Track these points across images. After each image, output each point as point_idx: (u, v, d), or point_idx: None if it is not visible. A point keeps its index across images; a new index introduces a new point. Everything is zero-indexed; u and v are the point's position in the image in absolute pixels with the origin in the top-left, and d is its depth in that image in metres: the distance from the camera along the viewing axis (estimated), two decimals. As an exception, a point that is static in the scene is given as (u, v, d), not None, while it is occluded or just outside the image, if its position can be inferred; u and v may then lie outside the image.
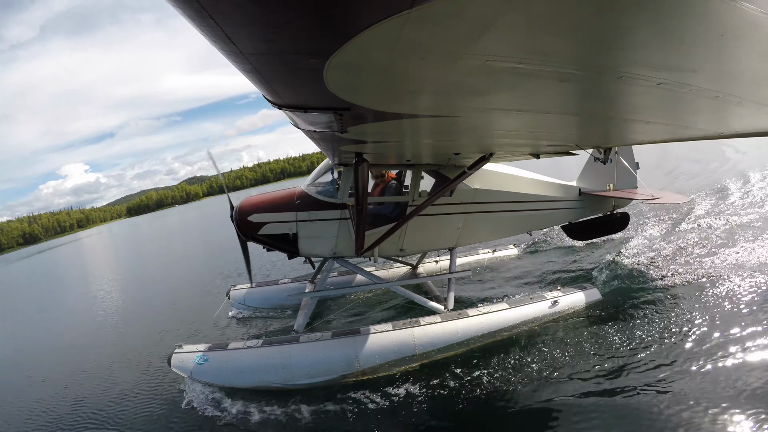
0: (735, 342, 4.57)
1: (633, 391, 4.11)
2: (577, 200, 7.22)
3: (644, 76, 1.63)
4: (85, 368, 7.24)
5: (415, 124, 2.66)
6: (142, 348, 7.62)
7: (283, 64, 1.49)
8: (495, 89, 1.88)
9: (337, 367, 5.05)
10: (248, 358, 5.19)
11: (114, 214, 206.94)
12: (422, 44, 1.29)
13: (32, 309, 14.89)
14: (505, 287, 7.59)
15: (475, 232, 6.40)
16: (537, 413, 4.10)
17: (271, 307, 7.85)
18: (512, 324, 5.59)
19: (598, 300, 6.14)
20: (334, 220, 5.70)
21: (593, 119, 2.92)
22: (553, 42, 1.34)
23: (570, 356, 4.92)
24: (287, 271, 10.48)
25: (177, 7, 1.04)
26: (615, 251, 8.09)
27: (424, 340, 5.25)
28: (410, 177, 5.87)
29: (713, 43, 1.40)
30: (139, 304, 11.41)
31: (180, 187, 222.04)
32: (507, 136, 3.59)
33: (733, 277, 6.16)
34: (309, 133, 3.10)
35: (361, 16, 1.09)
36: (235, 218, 5.78)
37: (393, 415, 4.40)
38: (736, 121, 2.71)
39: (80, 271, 25.40)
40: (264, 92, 1.89)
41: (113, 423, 5.14)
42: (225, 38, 1.21)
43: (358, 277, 7.61)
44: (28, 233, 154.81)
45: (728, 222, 8.79)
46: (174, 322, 8.88)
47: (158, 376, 6.11)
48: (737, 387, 3.87)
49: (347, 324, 6.77)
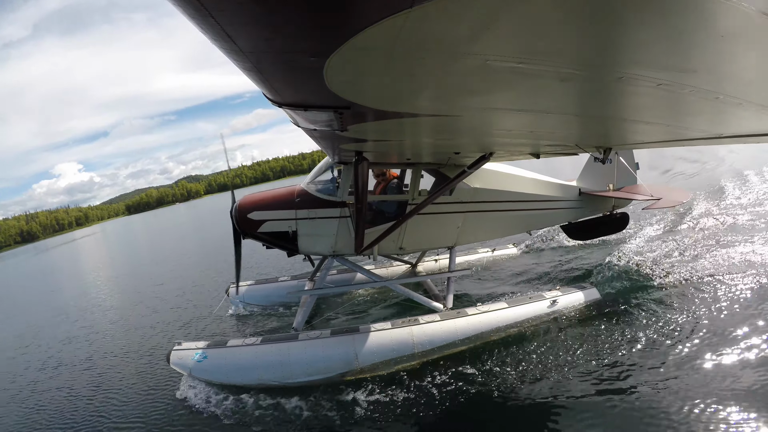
0: (734, 341, 4.58)
1: (632, 390, 4.12)
2: (577, 200, 7.22)
3: (644, 76, 1.63)
4: (83, 366, 7.25)
5: (415, 123, 2.67)
6: (140, 345, 7.64)
7: (283, 62, 1.49)
8: (495, 89, 1.88)
9: (336, 365, 5.06)
10: (247, 356, 5.20)
11: (112, 212, 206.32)
12: (422, 44, 1.29)
13: (28, 309, 14.89)
14: (504, 286, 7.60)
15: (475, 231, 6.41)
16: (535, 412, 4.11)
17: (270, 304, 7.86)
18: (511, 323, 5.60)
19: (597, 299, 6.15)
20: (334, 218, 5.70)
21: (593, 119, 2.92)
22: (553, 42, 1.34)
23: (569, 355, 4.92)
24: (286, 268, 10.49)
25: (177, 6, 1.05)
26: (614, 251, 8.10)
27: (423, 339, 5.26)
28: (410, 176, 5.88)
29: (714, 44, 1.40)
30: (139, 301, 11.41)
31: (180, 184, 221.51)
32: (507, 136, 3.59)
33: (731, 276, 6.17)
34: (309, 131, 3.10)
35: (361, 15, 1.09)
36: (234, 215, 5.79)
37: (392, 413, 4.41)
38: (736, 122, 2.71)
39: (79, 270, 25.41)
40: (264, 90, 1.89)
41: (111, 420, 5.14)
42: (225, 37, 1.21)
43: (358, 276, 7.62)
44: (26, 231, 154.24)
45: (726, 222, 8.81)
46: (173, 319, 8.89)
47: (157, 374, 6.12)
48: (737, 386, 3.87)
49: (346, 322, 6.78)
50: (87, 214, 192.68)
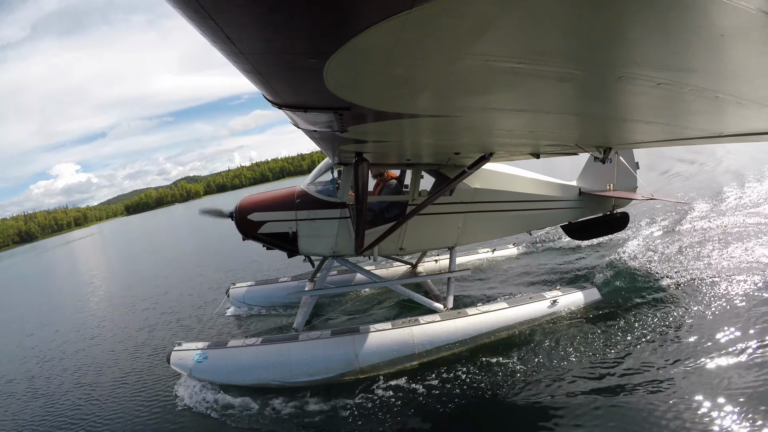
0: (734, 341, 4.58)
1: (632, 390, 4.12)
2: (577, 200, 7.22)
3: (644, 76, 1.63)
4: (83, 366, 7.24)
5: (415, 123, 2.66)
6: (140, 345, 7.63)
7: (283, 64, 1.49)
8: (495, 89, 1.88)
9: (336, 366, 5.06)
10: (247, 356, 5.20)
11: (111, 213, 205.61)
12: (422, 44, 1.29)
13: (28, 309, 14.88)
14: (504, 287, 7.59)
15: (475, 232, 6.41)
16: (536, 412, 4.11)
17: (270, 305, 7.86)
18: (511, 323, 5.60)
19: (598, 300, 6.15)
20: (334, 219, 5.70)
21: (593, 119, 2.92)
22: (553, 42, 1.34)
23: (569, 355, 4.92)
24: (287, 269, 10.48)
25: (177, 8, 1.04)
26: (614, 251, 8.09)
27: (423, 339, 5.26)
28: (410, 176, 5.87)
29: (713, 43, 1.40)
30: (139, 302, 11.40)
31: (180, 185, 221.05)
32: (507, 136, 3.59)
33: (731, 276, 6.18)
34: (309, 132, 3.10)
35: (361, 17, 1.09)
36: (235, 216, 5.79)
37: (392, 413, 4.40)
38: (736, 121, 2.71)
39: (78, 270, 25.40)
40: (264, 92, 1.89)
41: (111, 421, 5.14)
42: (225, 38, 1.21)
43: (358, 276, 7.63)
44: (24, 231, 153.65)
45: (726, 222, 8.81)
46: (173, 319, 8.88)
47: (157, 374, 6.12)
48: (737, 386, 3.87)
49: (346, 322, 6.78)
50: (86, 214, 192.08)
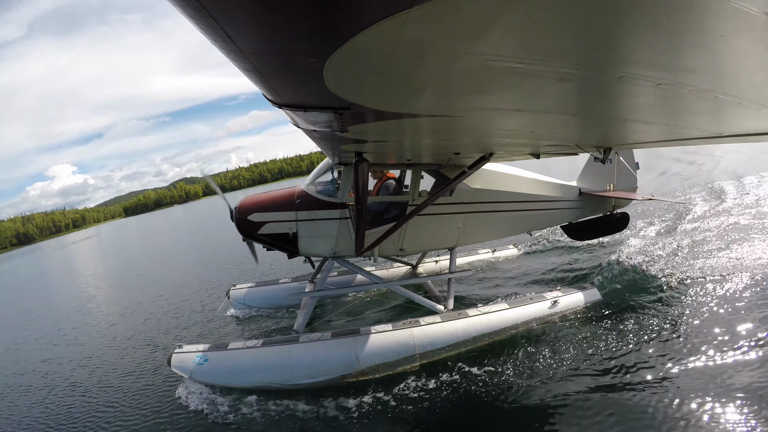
0: (734, 341, 4.58)
1: (633, 390, 4.11)
2: (577, 200, 7.22)
3: (644, 76, 1.62)
4: (83, 367, 7.23)
5: (415, 123, 2.66)
6: (141, 348, 7.62)
7: (283, 63, 1.49)
8: (495, 89, 1.88)
9: (336, 367, 5.04)
10: (248, 358, 5.18)
11: (109, 214, 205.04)
12: (422, 44, 1.29)
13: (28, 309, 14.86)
14: (505, 287, 7.59)
15: (475, 232, 6.40)
16: (537, 413, 4.10)
17: (270, 306, 7.84)
18: (512, 324, 5.59)
19: (598, 300, 6.14)
20: (334, 220, 5.70)
21: (593, 119, 2.92)
22: (553, 42, 1.34)
23: (570, 356, 4.92)
24: (287, 270, 10.47)
25: (177, 6, 1.04)
26: (615, 251, 8.09)
27: (423, 340, 5.25)
28: (410, 176, 5.87)
29: (713, 44, 1.40)
30: (139, 304, 11.39)
31: (179, 186, 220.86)
32: (507, 136, 3.59)
33: (731, 276, 6.18)
34: (309, 132, 3.10)
35: (360, 16, 1.09)
36: (235, 217, 5.79)
37: (393, 415, 4.39)
38: (735, 122, 2.72)
39: (77, 272, 25.38)
40: (264, 91, 1.89)
41: (110, 423, 5.12)
42: (225, 37, 1.21)
43: (358, 277, 7.61)
44: (22, 233, 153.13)
45: (725, 223, 8.81)
46: (173, 321, 8.87)
47: (157, 377, 6.11)
48: (737, 386, 3.87)
49: (347, 324, 6.76)
50: (84, 216, 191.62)
